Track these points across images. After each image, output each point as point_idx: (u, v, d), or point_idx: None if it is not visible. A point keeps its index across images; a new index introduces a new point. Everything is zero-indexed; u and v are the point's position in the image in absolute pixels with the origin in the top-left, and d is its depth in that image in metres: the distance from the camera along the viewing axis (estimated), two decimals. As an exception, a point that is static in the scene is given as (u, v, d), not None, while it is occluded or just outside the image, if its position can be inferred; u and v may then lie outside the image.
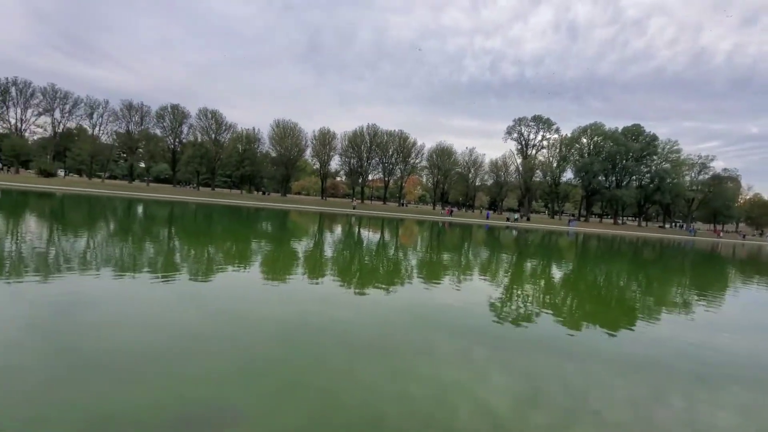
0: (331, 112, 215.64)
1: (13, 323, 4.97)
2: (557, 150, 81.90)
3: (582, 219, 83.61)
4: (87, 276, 7.51)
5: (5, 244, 10.32)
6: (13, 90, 64.15)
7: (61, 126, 68.46)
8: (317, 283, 8.63)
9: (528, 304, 8.62)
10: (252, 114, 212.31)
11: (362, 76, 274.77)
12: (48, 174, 61.25)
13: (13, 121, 65.82)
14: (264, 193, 79.21)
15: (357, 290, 8.30)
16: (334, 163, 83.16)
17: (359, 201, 76.32)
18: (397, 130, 77.49)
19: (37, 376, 3.72)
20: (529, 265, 15.96)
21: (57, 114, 66.87)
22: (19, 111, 65.56)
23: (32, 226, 15.22)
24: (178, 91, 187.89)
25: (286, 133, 74.58)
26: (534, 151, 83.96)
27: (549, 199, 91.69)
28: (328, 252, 14.52)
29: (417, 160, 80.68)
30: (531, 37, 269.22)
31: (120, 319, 5.37)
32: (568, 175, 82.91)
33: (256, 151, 75.38)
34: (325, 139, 76.88)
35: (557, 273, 14.57)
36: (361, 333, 5.62)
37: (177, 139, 72.55)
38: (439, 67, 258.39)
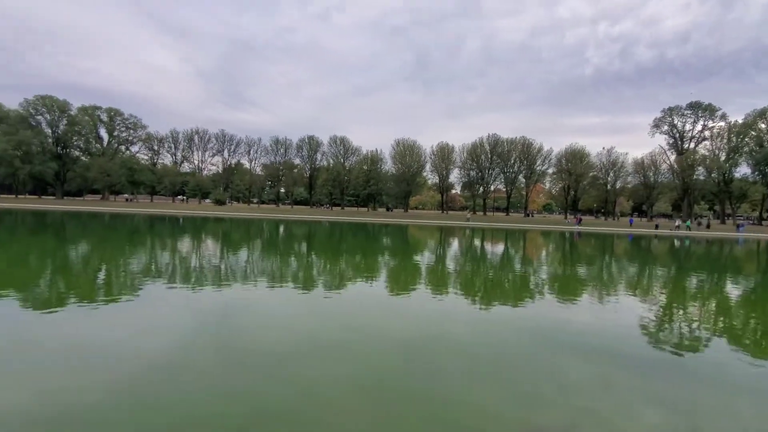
0: (440, 125, 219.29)
1: (186, 324, 6.33)
2: (724, 140, 68.36)
3: (753, 223, 67.32)
4: (245, 286, 9.35)
5: (188, 260, 13.31)
6: (196, 138, 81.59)
7: (228, 163, 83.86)
8: (437, 298, 8.62)
9: (689, 327, 7.27)
10: (367, 135, 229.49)
11: (471, 86, 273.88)
12: (220, 202, 75.63)
13: (196, 162, 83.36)
14: (388, 209, 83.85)
15: (479, 306, 8.15)
16: (452, 176, 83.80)
17: (473, 213, 75.05)
18: (519, 137, 74.89)
19: (201, 370, 4.50)
20: (689, 279, 13.31)
21: (225, 153, 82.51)
22: (200, 153, 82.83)
23: (209, 245, 19.54)
24: (304, 123, 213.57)
25: (405, 151, 78.53)
26: (692, 145, 71.63)
27: (717, 200, 76.42)
28: (450, 266, 14.60)
29: (544, 167, 76.17)
30: (671, 13, 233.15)
31: (265, 323, 6.49)
32: (742, 169, 68.21)
33: (379, 170, 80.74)
34: (443, 153, 78.48)
35: (730, 290, 11.85)
36: (482, 352, 5.32)
37: (312, 166, 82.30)
38: (556, 64, 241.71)
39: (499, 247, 24.10)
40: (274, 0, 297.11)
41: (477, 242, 27.80)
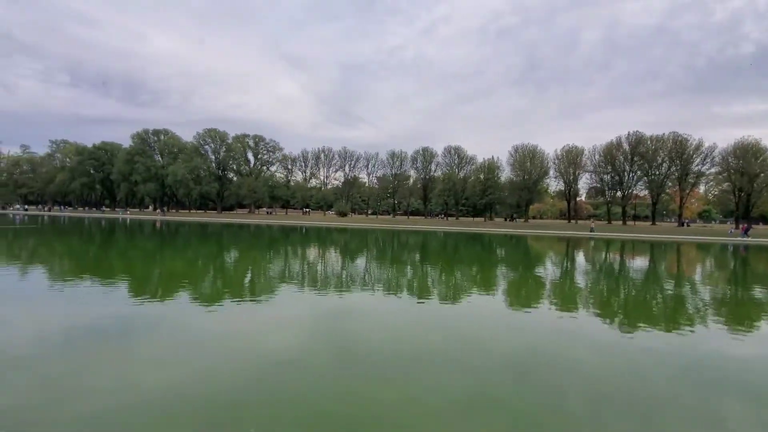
0: (554, 127, 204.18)
1: (308, 325, 7.08)
2: None
3: None
4: (363, 292, 10.08)
5: (316, 266, 15.18)
6: (322, 156, 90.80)
7: (349, 176, 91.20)
8: (557, 315, 8.08)
9: None
10: (472, 143, 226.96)
11: (590, 81, 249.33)
12: (343, 214, 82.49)
13: (322, 177, 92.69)
14: (506, 219, 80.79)
15: (607, 328, 7.32)
16: (580, 182, 76.78)
17: (595, 221, 66.90)
18: (668, 133, 65.24)
19: (318, 369, 4.95)
20: None
21: (346, 168, 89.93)
22: (325, 169, 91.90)
23: (334, 253, 21.57)
24: (411, 135, 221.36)
25: (525, 157, 74.98)
26: None
27: None
28: (578, 281, 13.49)
29: (704, 167, 64.68)
30: None
31: (377, 329, 6.88)
32: None
33: (497, 178, 78.57)
34: (571, 157, 72.71)
35: None
36: (611, 382, 4.75)
37: (427, 176, 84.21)
38: (702, 45, 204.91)
39: (638, 262, 21.55)
40: (383, 22, 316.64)
41: (610, 255, 25.33)
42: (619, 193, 72.09)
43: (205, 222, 58.27)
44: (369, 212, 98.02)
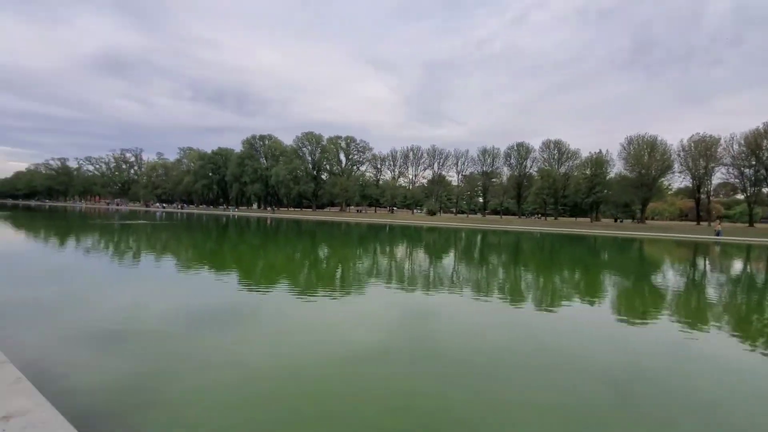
0: (671, 115, 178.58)
1: (391, 322, 7.51)
2: None
3: None
4: (450, 293, 10.16)
5: (404, 264, 15.63)
6: (410, 154, 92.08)
7: (437, 175, 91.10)
8: (663, 329, 7.36)
9: None
10: (569, 137, 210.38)
11: (717, 59, 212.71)
12: (432, 213, 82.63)
13: (410, 176, 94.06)
14: (615, 220, 73.10)
15: (724, 346, 6.53)
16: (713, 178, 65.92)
17: (721, 222, 55.82)
18: None
19: (396, 366, 5.15)
20: None
21: (435, 166, 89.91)
22: (413, 168, 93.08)
23: (423, 252, 21.91)
24: (499, 132, 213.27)
25: (642, 150, 66.72)
26: None
27: None
28: (709, 294, 11.77)
29: None
30: None
31: (460, 330, 6.94)
32: None
33: (605, 175, 71.44)
34: (701, 148, 62.80)
35: None
36: (738, 413, 4.11)
37: (521, 173, 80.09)
38: None
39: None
40: (471, 16, 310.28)
41: (742, 263, 21.38)
42: (766, 189, 60.25)
43: (304, 219, 63.40)
44: (458, 211, 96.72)
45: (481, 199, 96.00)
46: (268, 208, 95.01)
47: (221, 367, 4.99)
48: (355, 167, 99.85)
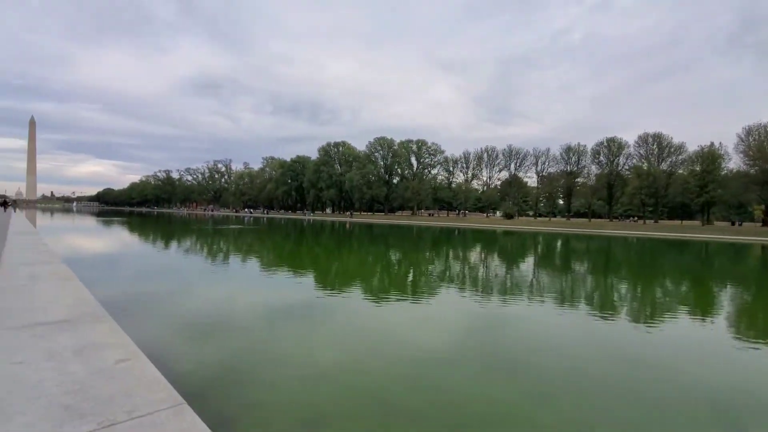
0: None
1: (463, 328, 7.46)
2: None
3: None
4: (531, 301, 9.67)
5: (478, 269, 15.01)
6: (485, 156, 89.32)
7: (514, 176, 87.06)
8: None
9: None
10: (672, 129, 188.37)
11: None
12: (509, 216, 78.99)
13: (484, 178, 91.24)
14: (733, 223, 63.25)
15: None
16: None
17: None
18: None
19: (466, 372, 5.25)
20: None
21: (512, 167, 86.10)
22: (488, 170, 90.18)
23: (499, 256, 20.89)
24: (579, 127, 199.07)
25: (765, 141, 56.76)
26: None
27: None
28: None
29: None
30: None
31: (537, 340, 6.78)
32: None
33: (719, 171, 62.15)
34: None
35: None
36: None
37: (613, 172, 73.14)
38: None
39: None
40: (546, 7, 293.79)
41: None
42: None
43: (377, 223, 64.65)
44: (536, 214, 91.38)
45: (561, 201, 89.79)
46: (347, 213, 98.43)
47: (296, 361, 5.41)
48: (426, 170, 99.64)
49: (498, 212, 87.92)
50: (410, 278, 13.65)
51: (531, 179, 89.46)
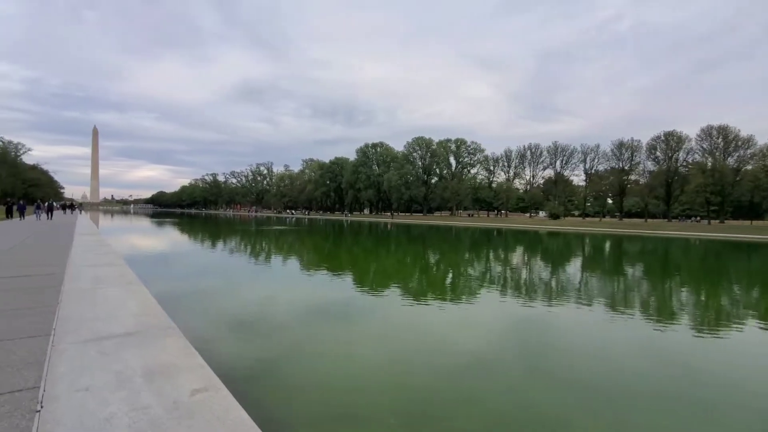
0: None
1: (503, 332, 7.34)
2: None
3: None
4: (578, 307, 9.12)
5: (520, 272, 14.44)
6: (528, 153, 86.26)
7: (560, 174, 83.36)
8: None
9: None
10: (738, 121, 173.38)
11: None
12: (555, 216, 75.68)
13: (527, 177, 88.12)
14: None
15: None
16: None
17: None
18: None
19: (507, 378, 5.11)
20: None
21: (557, 165, 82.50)
22: (531, 168, 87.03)
23: (543, 259, 20.13)
24: (628, 122, 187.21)
25: None
26: None
27: None
28: None
29: None
30: None
31: (585, 347, 6.47)
32: None
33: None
34: None
35: None
36: None
37: (671, 169, 68.07)
38: None
39: None
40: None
41: None
42: None
43: (417, 224, 64.16)
44: (584, 214, 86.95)
45: (610, 201, 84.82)
46: (387, 214, 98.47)
47: (333, 356, 5.65)
48: (465, 170, 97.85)
49: (541, 212, 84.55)
50: (451, 280, 13.50)
51: (578, 177, 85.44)
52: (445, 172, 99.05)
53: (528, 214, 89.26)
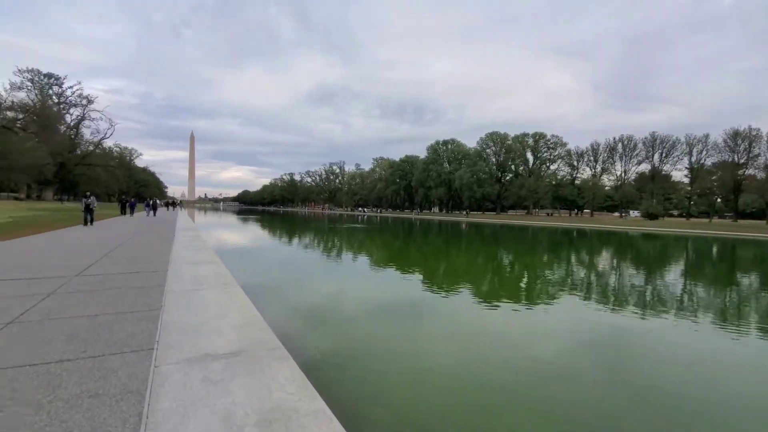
0: None
1: (578, 340, 6.84)
2: None
3: None
4: (678, 317, 8.39)
5: (607, 276, 13.49)
6: (618, 146, 78.12)
7: (659, 169, 74.17)
8: None
9: None
10: None
11: None
12: (653, 216, 67.35)
13: (618, 172, 79.85)
14: None
15: None
16: None
17: None
18: None
19: (582, 389, 4.82)
20: None
21: (655, 158, 73.51)
22: (622, 163, 78.68)
23: (634, 263, 18.23)
24: (732, 109, 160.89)
25: None
26: None
27: None
28: None
29: None
30: None
31: (667, 360, 5.94)
32: None
33: None
34: None
35: None
36: None
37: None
38: None
39: None
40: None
41: None
42: None
43: (491, 223, 61.50)
44: (687, 214, 76.34)
45: (719, 199, 73.21)
46: (462, 213, 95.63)
47: (401, 353, 5.82)
48: (544, 166, 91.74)
49: (633, 212, 75.88)
50: (532, 283, 12.79)
51: (679, 172, 75.26)
52: (521, 168, 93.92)
53: (619, 214, 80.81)
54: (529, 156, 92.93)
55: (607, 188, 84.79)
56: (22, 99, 61.33)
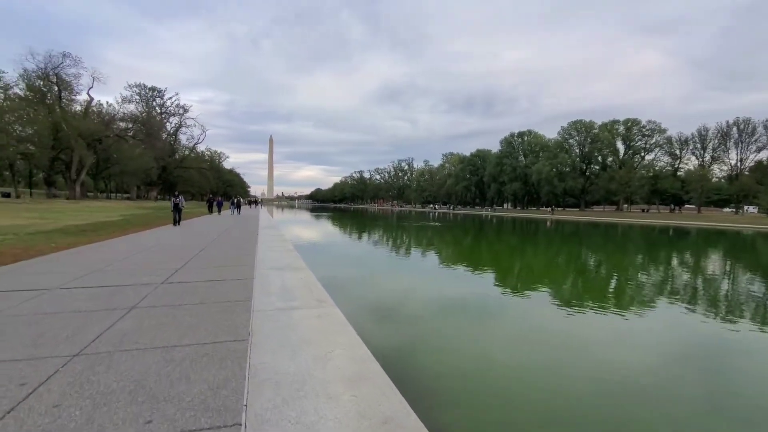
0: None
1: (666, 345, 6.42)
2: None
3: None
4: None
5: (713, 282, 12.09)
6: (733, 130, 66.99)
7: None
8: None
9: None
10: None
11: None
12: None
13: (732, 162, 68.61)
14: None
15: None
16: None
17: None
18: None
19: (684, 405, 4.40)
20: None
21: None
22: (738, 151, 67.39)
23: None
24: None
25: None
26: None
27: None
28: None
29: None
30: None
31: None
32: None
33: None
34: None
35: None
36: None
37: None
38: None
39: None
40: None
41: None
42: None
43: (578, 221, 56.41)
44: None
45: None
46: (548, 209, 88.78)
47: (463, 353, 5.62)
48: (638, 156, 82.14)
49: (748, 207, 64.37)
50: (609, 286, 11.67)
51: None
52: (609, 159, 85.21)
53: (734, 210, 69.41)
54: (620, 145, 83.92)
55: (714, 180, 73.27)
56: (131, 111, 70.55)
